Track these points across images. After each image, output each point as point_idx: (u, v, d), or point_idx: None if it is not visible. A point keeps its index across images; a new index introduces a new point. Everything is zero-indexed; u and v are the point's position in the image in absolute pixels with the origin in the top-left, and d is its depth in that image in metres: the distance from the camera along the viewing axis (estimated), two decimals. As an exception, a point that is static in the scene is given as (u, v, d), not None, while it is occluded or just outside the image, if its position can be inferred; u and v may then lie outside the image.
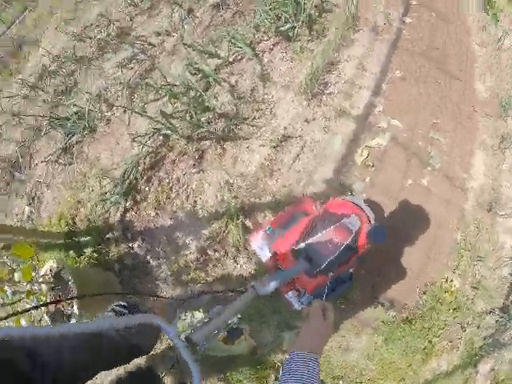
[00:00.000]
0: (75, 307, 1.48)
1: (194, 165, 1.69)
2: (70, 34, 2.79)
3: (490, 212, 1.81)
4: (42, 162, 2.21)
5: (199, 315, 0.98)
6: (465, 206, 1.83)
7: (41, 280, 1.43)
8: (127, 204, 1.72)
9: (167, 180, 1.70)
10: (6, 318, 0.67)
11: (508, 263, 1.71)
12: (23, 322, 1.34)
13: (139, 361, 1.07)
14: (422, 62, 2.18)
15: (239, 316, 1.00)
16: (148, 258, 1.67)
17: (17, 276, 1.38)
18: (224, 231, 1.58)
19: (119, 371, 0.94)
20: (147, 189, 1.72)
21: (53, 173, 2.17)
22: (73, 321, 1.45)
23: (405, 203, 1.86)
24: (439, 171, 1.88)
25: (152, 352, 1.07)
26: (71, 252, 1.74)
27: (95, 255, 1.74)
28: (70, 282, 1.46)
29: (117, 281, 1.76)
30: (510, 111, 2.04)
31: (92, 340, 0.77)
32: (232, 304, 0.83)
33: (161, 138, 1.74)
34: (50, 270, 1.54)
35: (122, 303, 1.23)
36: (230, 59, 1.96)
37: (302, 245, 1.23)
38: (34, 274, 1.41)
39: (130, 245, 1.73)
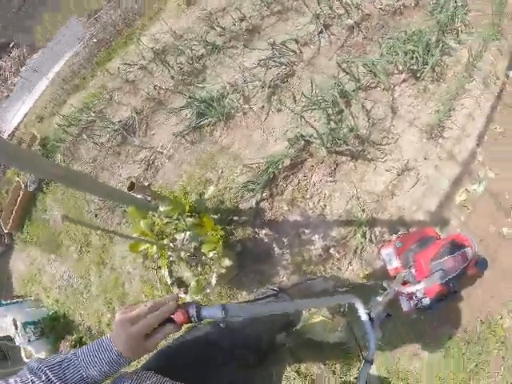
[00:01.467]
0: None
1: (329, 174, 1.91)
2: (194, 16, 2.93)
3: None
4: (169, 134, 2.38)
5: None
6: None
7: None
8: (263, 195, 1.94)
9: (304, 182, 1.92)
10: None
11: None
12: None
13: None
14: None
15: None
16: (273, 245, 1.90)
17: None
18: (348, 237, 1.83)
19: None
20: (284, 185, 1.94)
21: (176, 147, 2.36)
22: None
23: (485, 247, 2.13)
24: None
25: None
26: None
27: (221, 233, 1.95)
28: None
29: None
30: None
31: None
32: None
33: (302, 143, 1.96)
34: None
35: (273, 288, 1.52)
36: (365, 85, 2.18)
37: (435, 262, 1.57)
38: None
39: (257, 231, 1.95)
